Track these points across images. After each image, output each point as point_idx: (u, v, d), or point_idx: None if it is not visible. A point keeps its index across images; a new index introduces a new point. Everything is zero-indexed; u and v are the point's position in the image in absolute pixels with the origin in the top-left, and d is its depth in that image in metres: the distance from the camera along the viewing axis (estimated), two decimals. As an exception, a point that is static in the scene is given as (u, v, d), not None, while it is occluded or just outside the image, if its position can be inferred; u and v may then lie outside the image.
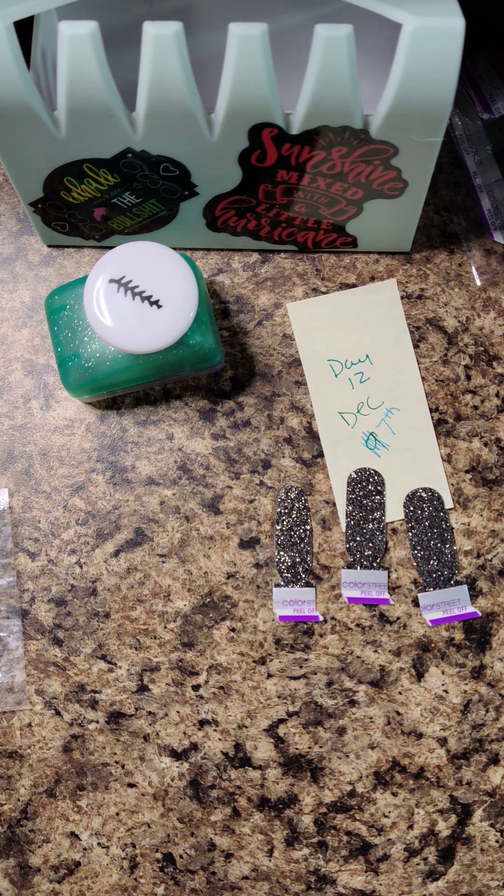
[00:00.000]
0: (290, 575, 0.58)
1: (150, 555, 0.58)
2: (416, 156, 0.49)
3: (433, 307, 0.59)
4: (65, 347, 0.53)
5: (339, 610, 0.58)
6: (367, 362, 0.59)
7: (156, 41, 0.42)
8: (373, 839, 0.57)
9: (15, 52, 0.43)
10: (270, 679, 0.58)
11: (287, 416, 0.59)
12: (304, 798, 0.57)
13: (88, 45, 0.42)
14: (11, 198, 0.61)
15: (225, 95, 0.45)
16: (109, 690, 0.58)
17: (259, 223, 0.56)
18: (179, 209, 0.55)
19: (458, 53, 0.42)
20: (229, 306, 0.60)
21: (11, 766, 0.58)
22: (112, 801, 0.58)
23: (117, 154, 0.49)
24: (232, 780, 0.57)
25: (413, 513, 0.58)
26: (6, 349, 0.60)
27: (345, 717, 0.57)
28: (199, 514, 0.58)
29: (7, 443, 0.59)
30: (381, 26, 0.57)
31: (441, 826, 0.57)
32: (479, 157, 0.58)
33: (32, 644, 0.58)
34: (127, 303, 0.49)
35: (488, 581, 0.58)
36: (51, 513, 0.58)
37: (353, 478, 0.58)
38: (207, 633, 0.58)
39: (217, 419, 0.59)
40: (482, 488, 0.58)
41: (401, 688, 0.57)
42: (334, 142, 0.48)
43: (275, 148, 0.48)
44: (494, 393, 0.59)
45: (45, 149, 0.49)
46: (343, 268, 0.60)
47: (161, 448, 0.59)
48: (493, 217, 0.58)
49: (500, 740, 0.57)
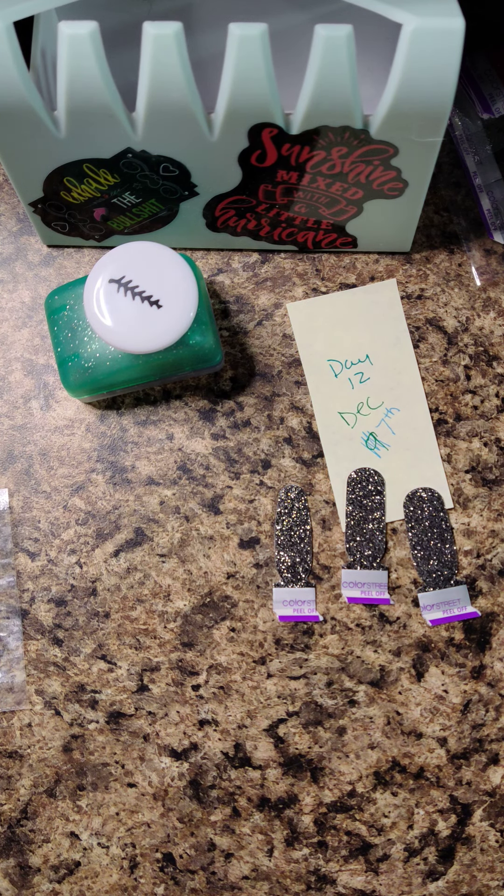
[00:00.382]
0: (290, 575, 0.58)
1: (150, 555, 0.58)
2: (416, 156, 0.49)
3: (433, 307, 0.59)
4: (65, 347, 0.53)
5: (339, 610, 0.58)
6: (367, 362, 0.59)
7: (156, 41, 0.42)
8: (373, 839, 0.57)
9: (15, 52, 0.43)
10: (270, 679, 0.58)
11: (287, 416, 0.59)
12: (304, 798, 0.57)
13: (88, 45, 0.42)
14: (11, 198, 0.61)
15: (225, 95, 0.45)
16: (109, 690, 0.58)
17: (259, 223, 0.56)
18: (179, 209, 0.55)
19: (458, 53, 0.42)
20: (229, 306, 0.60)
21: (11, 766, 0.58)
22: (112, 801, 0.58)
23: (117, 154, 0.49)
24: (232, 780, 0.57)
25: (413, 513, 0.58)
26: (6, 349, 0.60)
27: (345, 717, 0.57)
28: (199, 514, 0.58)
29: (7, 443, 0.59)
30: (381, 26, 0.57)
31: (441, 826, 0.57)
32: (479, 157, 0.58)
33: (32, 644, 0.58)
34: (127, 303, 0.49)
35: (488, 581, 0.58)
36: (51, 513, 0.58)
37: (353, 478, 0.58)
38: (207, 633, 0.58)
39: (217, 419, 0.59)
40: (482, 488, 0.58)
41: (401, 688, 0.57)
42: (334, 142, 0.48)
43: (275, 148, 0.48)
44: (494, 393, 0.59)
45: (45, 149, 0.49)
46: (343, 268, 0.60)
47: (161, 448, 0.59)
48: (493, 217, 0.58)
49: (500, 740, 0.57)
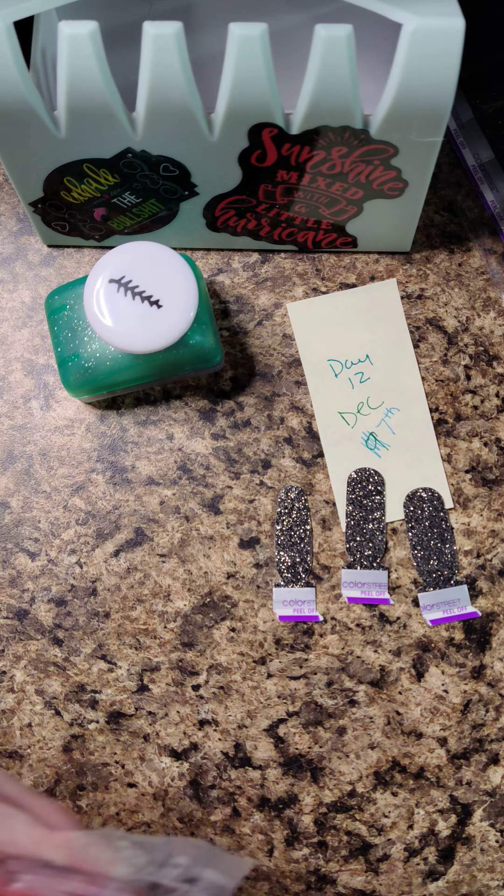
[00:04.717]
0: (290, 575, 0.58)
1: (150, 555, 0.58)
2: (416, 156, 0.49)
3: (433, 307, 0.59)
4: (65, 347, 0.53)
5: (339, 610, 0.58)
6: (367, 362, 0.59)
7: (156, 41, 0.42)
8: (373, 839, 0.57)
9: (15, 52, 0.43)
10: (270, 679, 0.58)
11: (287, 416, 0.59)
12: (304, 798, 0.57)
13: (88, 45, 0.42)
14: (11, 198, 0.61)
15: (225, 95, 0.45)
16: (109, 690, 0.58)
17: (259, 223, 0.56)
18: (179, 209, 0.55)
19: (458, 53, 0.42)
20: (229, 306, 0.60)
21: (11, 766, 0.58)
22: (112, 801, 0.58)
23: (117, 154, 0.49)
24: (232, 780, 0.57)
25: (413, 513, 0.58)
26: (6, 349, 0.60)
27: (345, 717, 0.57)
28: (199, 514, 0.58)
29: (7, 443, 0.59)
30: (381, 26, 0.57)
31: (441, 826, 0.57)
32: (477, 151, 0.58)
33: (32, 644, 0.58)
34: (127, 303, 0.49)
35: (488, 581, 0.58)
36: (51, 513, 0.58)
37: (353, 478, 0.58)
38: (207, 633, 0.58)
39: (217, 419, 0.59)
40: (482, 488, 0.58)
41: (401, 688, 0.57)
42: (334, 142, 0.48)
43: (275, 148, 0.48)
44: (494, 393, 0.59)
45: (45, 149, 0.49)
46: (343, 268, 0.60)
47: (161, 448, 0.59)
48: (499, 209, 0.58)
49: (500, 740, 0.57)
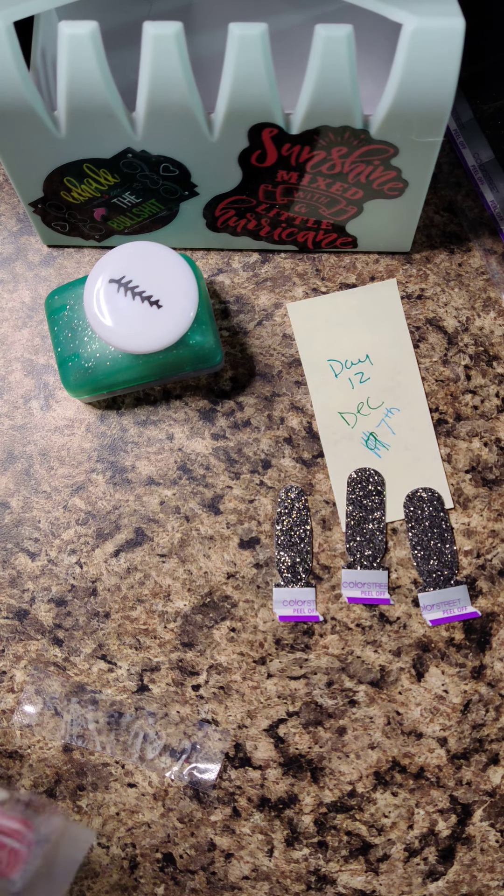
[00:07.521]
0: (290, 575, 0.58)
1: (150, 555, 0.58)
2: (416, 156, 0.49)
3: (433, 307, 0.59)
4: (65, 347, 0.53)
5: (339, 610, 0.58)
6: (367, 362, 0.59)
7: (156, 41, 0.42)
8: (373, 839, 0.57)
9: (15, 52, 0.43)
10: (270, 679, 0.58)
11: (287, 416, 0.59)
12: (304, 798, 0.57)
13: (88, 45, 0.42)
14: (11, 198, 0.61)
15: (225, 95, 0.45)
16: (109, 690, 0.58)
17: (259, 223, 0.56)
18: (179, 209, 0.55)
19: (458, 53, 0.42)
20: (229, 306, 0.60)
21: (11, 766, 0.58)
22: (112, 801, 0.58)
23: (117, 154, 0.49)
24: (232, 780, 0.57)
25: (413, 513, 0.58)
26: (6, 349, 0.60)
27: (345, 717, 0.57)
28: (199, 514, 0.58)
29: (7, 443, 0.59)
30: (381, 26, 0.57)
31: (441, 826, 0.57)
32: (477, 151, 0.58)
33: (32, 644, 0.58)
34: (127, 303, 0.49)
35: (488, 581, 0.58)
36: (51, 513, 0.58)
37: (353, 478, 0.58)
38: (207, 633, 0.58)
39: (217, 419, 0.59)
40: (482, 488, 0.58)
41: (401, 688, 0.57)
42: (334, 142, 0.48)
43: (275, 148, 0.48)
44: (494, 393, 0.59)
45: (45, 149, 0.49)
46: (343, 268, 0.60)
47: (161, 448, 0.59)
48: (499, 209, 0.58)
49: (500, 740, 0.57)
